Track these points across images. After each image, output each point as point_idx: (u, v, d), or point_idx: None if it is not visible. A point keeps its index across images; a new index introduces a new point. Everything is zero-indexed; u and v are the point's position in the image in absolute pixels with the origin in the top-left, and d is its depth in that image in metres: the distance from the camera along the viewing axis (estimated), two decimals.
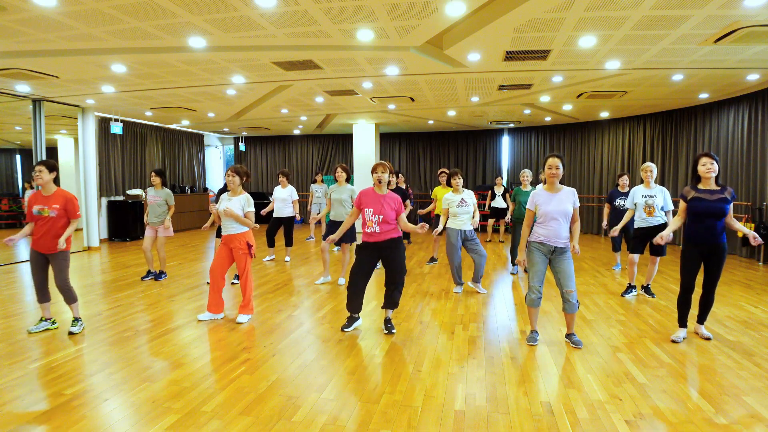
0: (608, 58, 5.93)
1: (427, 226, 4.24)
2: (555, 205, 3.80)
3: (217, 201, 5.05)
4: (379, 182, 4.19)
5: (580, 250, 4.20)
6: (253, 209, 4.70)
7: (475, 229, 5.76)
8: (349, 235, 5.96)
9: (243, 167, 4.78)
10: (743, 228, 3.90)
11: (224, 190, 5.93)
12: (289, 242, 7.88)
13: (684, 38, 5.10)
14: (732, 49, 5.46)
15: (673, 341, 4.06)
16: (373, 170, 4.23)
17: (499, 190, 10.39)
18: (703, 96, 8.50)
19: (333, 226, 6.03)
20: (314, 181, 10.82)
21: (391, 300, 4.28)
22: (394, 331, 4.28)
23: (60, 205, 4.15)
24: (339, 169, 6.11)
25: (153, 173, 6.47)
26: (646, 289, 5.57)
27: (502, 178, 10.54)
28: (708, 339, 4.08)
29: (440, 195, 7.24)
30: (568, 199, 3.83)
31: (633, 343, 4.04)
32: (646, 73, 6.70)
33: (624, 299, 5.47)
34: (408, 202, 8.27)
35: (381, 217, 4.12)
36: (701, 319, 4.17)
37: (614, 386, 3.20)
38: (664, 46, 5.37)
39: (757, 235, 3.76)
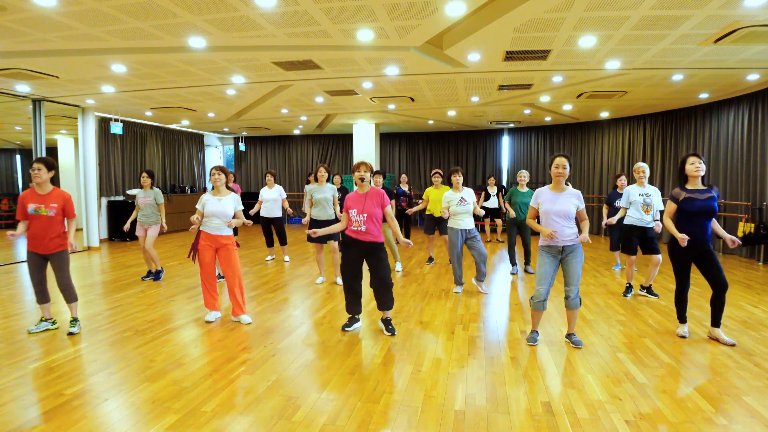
0: (608, 58, 5.93)
1: (411, 244, 4.24)
2: (559, 205, 3.80)
3: None
4: (361, 180, 4.20)
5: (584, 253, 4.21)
6: (242, 207, 4.75)
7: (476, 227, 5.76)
8: (333, 234, 5.93)
9: (225, 167, 4.80)
10: (722, 232, 3.99)
11: None
12: (283, 241, 7.86)
13: (684, 38, 5.11)
14: (732, 49, 5.46)
15: (681, 336, 4.10)
16: (355, 169, 4.25)
17: (492, 190, 10.34)
18: (703, 96, 8.50)
19: (315, 224, 6.04)
20: (308, 182, 10.79)
21: (381, 302, 4.28)
22: (395, 332, 4.28)
23: (59, 205, 4.14)
24: (322, 169, 6.17)
25: (144, 174, 6.42)
26: (648, 289, 5.57)
27: (495, 178, 10.49)
28: (732, 345, 3.93)
29: (432, 196, 7.20)
30: (571, 201, 3.82)
31: (633, 343, 4.04)
32: (646, 73, 6.70)
33: (624, 299, 5.47)
34: (393, 200, 8.18)
35: (365, 215, 4.13)
36: (717, 322, 4.05)
37: (614, 386, 3.20)
38: (664, 46, 5.37)
39: (735, 238, 3.87)
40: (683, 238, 3.87)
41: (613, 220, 5.88)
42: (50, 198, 4.14)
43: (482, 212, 5.83)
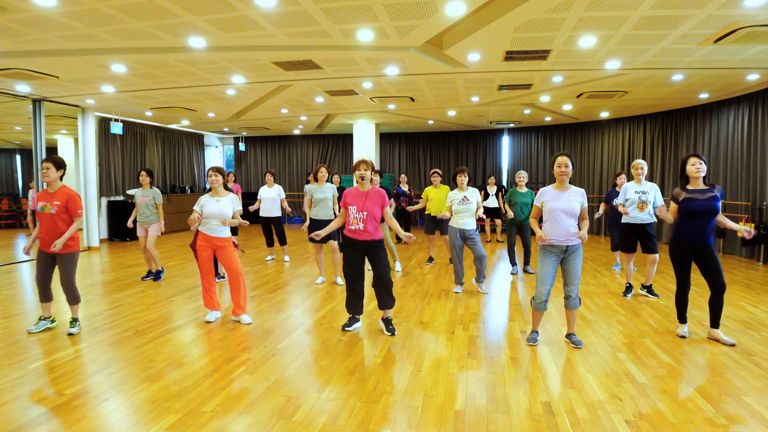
0: (608, 58, 5.93)
1: (413, 237, 4.24)
2: (563, 203, 3.79)
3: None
4: (362, 179, 4.20)
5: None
6: (240, 207, 4.74)
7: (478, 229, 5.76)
8: (331, 234, 5.95)
9: (222, 168, 4.78)
10: (735, 225, 3.94)
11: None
12: (282, 241, 7.87)
13: (684, 38, 5.11)
14: (732, 49, 5.46)
15: (681, 336, 4.11)
16: (356, 168, 4.24)
17: (492, 190, 10.33)
18: (703, 96, 8.50)
19: (315, 224, 6.05)
20: (308, 182, 10.79)
21: (381, 300, 4.29)
22: (395, 332, 4.27)
23: (61, 203, 4.12)
24: (323, 169, 6.21)
25: (143, 173, 6.42)
26: (649, 289, 5.57)
27: (494, 178, 10.48)
28: (732, 345, 3.94)
29: (431, 195, 7.21)
30: (575, 199, 3.82)
31: (633, 343, 4.04)
32: (646, 73, 6.70)
33: (624, 299, 5.47)
34: (392, 200, 8.31)
35: (365, 213, 4.13)
36: (716, 323, 4.04)
37: (614, 386, 3.20)
38: (664, 46, 5.37)
39: (750, 229, 3.79)
40: (666, 217, 3.95)
41: (626, 211, 5.45)
42: (55, 196, 4.14)
43: (482, 215, 5.84)
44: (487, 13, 4.52)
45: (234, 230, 6.63)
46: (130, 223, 6.47)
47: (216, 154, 16.30)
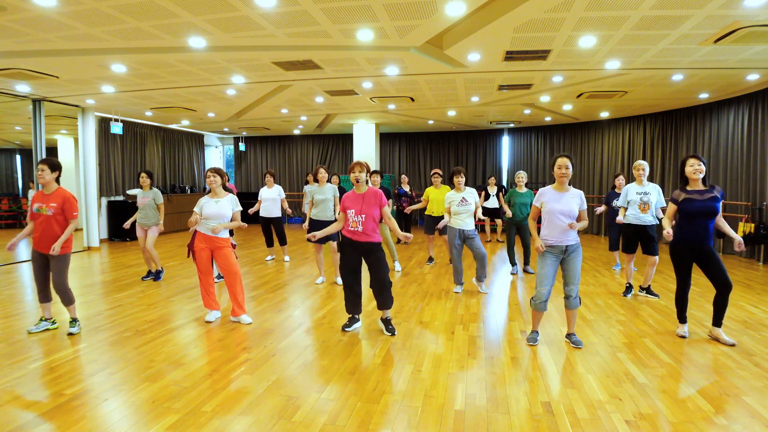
0: (608, 58, 5.93)
1: (411, 237, 4.24)
2: (562, 205, 3.80)
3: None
4: (357, 182, 4.21)
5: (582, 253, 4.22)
6: (240, 208, 4.72)
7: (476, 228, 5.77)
8: (332, 235, 5.96)
9: (221, 168, 4.77)
10: (732, 232, 3.96)
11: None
12: (283, 241, 7.87)
13: (684, 38, 5.11)
14: (732, 49, 5.46)
15: (681, 336, 4.11)
16: (350, 170, 4.26)
17: (492, 190, 10.34)
18: (703, 96, 8.50)
19: (315, 225, 6.06)
20: (307, 182, 10.78)
21: (380, 301, 4.29)
22: (395, 332, 4.28)
23: (57, 204, 4.12)
24: (322, 170, 6.23)
25: (143, 174, 6.41)
26: (648, 289, 5.57)
27: (495, 178, 10.50)
28: (732, 345, 3.94)
29: (432, 196, 7.22)
30: (574, 201, 3.83)
31: (633, 343, 4.04)
32: (646, 73, 6.70)
33: (624, 299, 5.47)
34: (391, 201, 8.41)
35: (363, 216, 4.14)
36: (718, 321, 4.03)
37: (614, 386, 3.20)
38: (664, 46, 5.37)
39: (741, 242, 3.88)
40: (668, 233, 3.92)
41: (621, 219, 5.72)
42: (51, 198, 4.14)
43: (481, 216, 5.84)
44: (487, 13, 4.52)
45: (231, 230, 6.64)
46: (127, 225, 6.44)
47: (216, 154, 16.30)
